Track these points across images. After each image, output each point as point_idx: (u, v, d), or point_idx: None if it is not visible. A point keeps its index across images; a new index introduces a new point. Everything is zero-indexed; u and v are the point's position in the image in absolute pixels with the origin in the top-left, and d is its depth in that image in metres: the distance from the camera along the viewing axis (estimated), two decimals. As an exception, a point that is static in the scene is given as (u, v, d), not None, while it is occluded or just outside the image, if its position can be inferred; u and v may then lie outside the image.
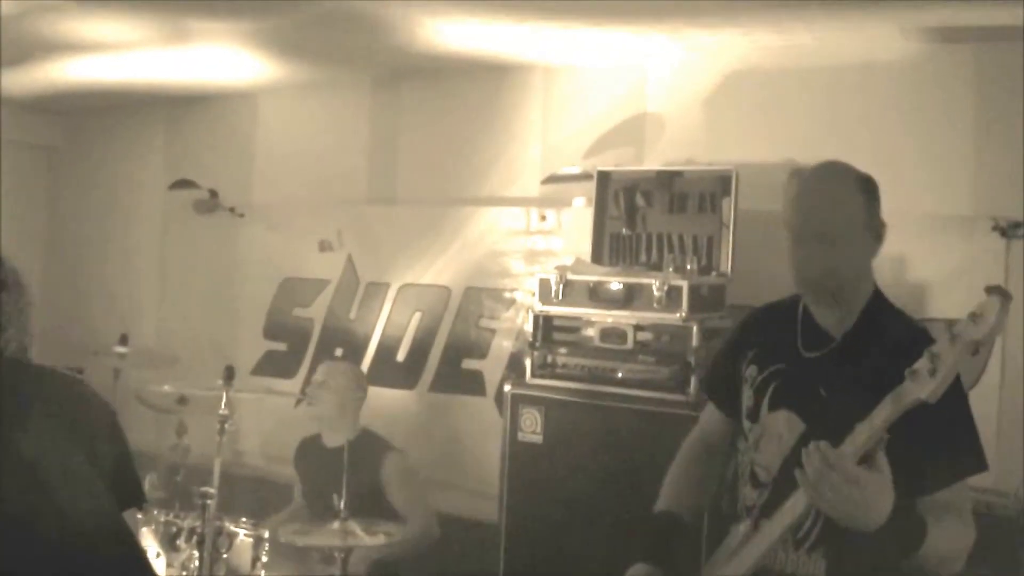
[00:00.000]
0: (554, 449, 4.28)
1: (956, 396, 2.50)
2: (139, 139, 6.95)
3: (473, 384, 5.32)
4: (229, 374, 4.39)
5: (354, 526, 4.10)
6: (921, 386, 2.20)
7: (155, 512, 4.22)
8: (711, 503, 3.08)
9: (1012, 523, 3.57)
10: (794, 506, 2.38)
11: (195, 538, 4.13)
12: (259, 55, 5.27)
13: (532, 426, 4.34)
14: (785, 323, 2.66)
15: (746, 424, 2.68)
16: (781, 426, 2.58)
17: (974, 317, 2.14)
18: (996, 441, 3.94)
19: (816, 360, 2.57)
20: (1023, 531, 3.57)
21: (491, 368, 5.26)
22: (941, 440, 2.40)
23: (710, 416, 2.94)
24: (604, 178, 4.76)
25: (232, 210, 6.36)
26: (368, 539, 4.12)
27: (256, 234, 6.30)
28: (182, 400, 5.19)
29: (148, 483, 4.56)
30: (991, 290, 2.14)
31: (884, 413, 2.25)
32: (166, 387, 4.70)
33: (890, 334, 2.53)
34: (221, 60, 5.39)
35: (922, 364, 2.20)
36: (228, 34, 4.83)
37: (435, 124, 5.68)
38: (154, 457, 5.04)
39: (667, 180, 4.63)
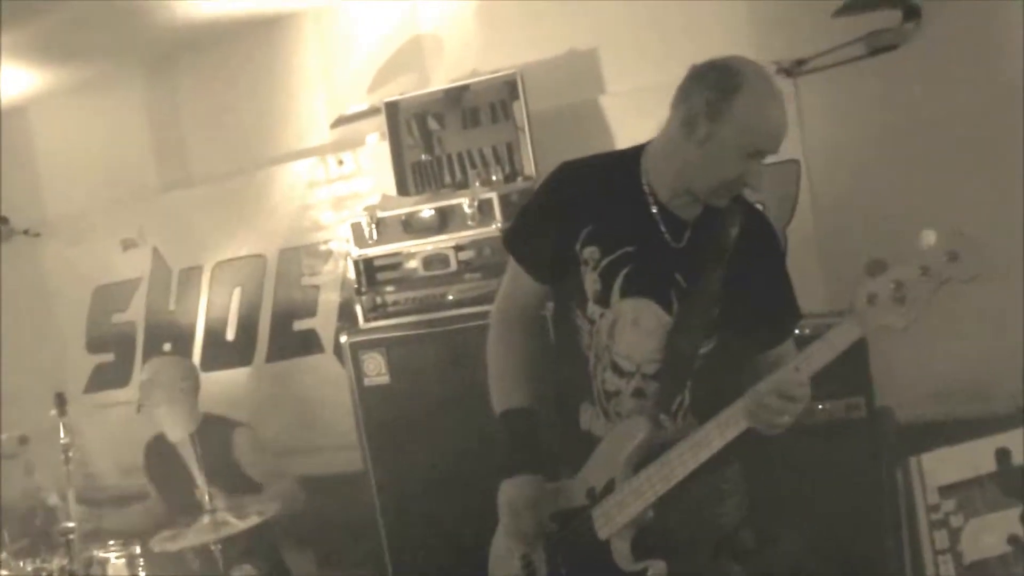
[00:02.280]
0: (403, 386, 4.27)
1: (781, 261, 2.75)
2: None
3: (309, 343, 5.26)
4: (60, 401, 4.23)
5: (225, 515, 4.03)
6: (888, 314, 2.26)
7: (20, 564, 4.05)
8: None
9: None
10: (729, 425, 2.42)
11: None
12: (21, 65, 5.07)
13: (377, 369, 4.30)
14: (627, 201, 2.63)
15: (592, 308, 2.63)
16: (639, 313, 2.59)
17: (950, 255, 2.21)
18: (818, 262, 4.14)
19: (674, 248, 2.59)
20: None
21: (324, 323, 5.21)
22: (772, 305, 2.64)
23: (524, 286, 2.77)
24: (392, 108, 4.70)
25: (27, 232, 6.07)
26: (242, 524, 4.07)
27: (57, 250, 6.04)
28: (23, 440, 4.98)
29: (6, 535, 4.38)
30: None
31: (844, 336, 2.32)
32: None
33: (732, 215, 2.60)
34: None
35: (881, 289, 2.25)
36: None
37: (215, 95, 5.53)
38: (7, 508, 4.82)
39: (455, 97, 4.61)
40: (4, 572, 3.92)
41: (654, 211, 2.61)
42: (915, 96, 4.02)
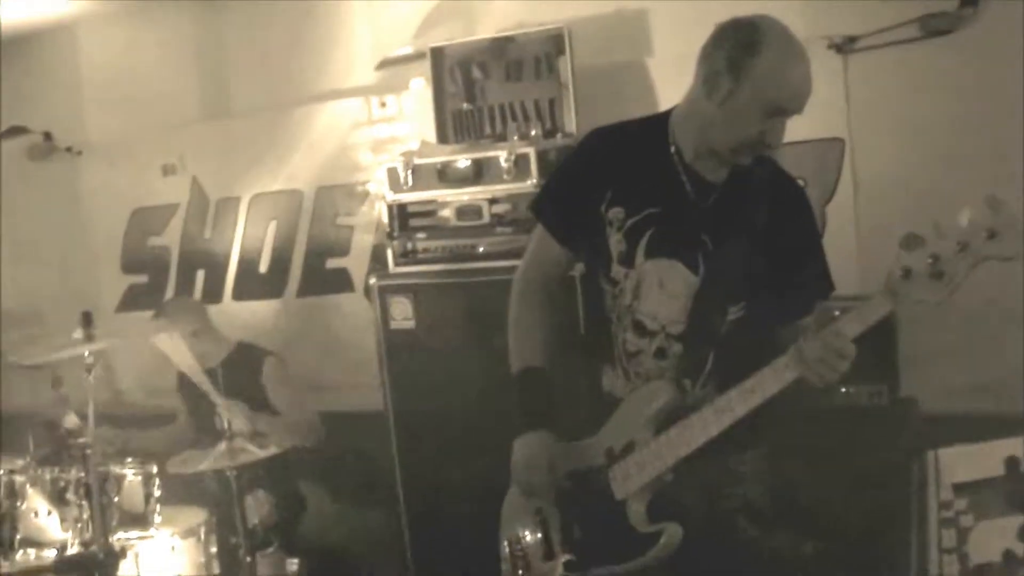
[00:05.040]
0: (428, 332, 4.30)
1: (813, 230, 2.76)
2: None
3: (340, 282, 5.30)
4: (87, 320, 4.28)
5: (243, 443, 4.10)
6: (923, 289, 2.25)
7: (39, 471, 4.13)
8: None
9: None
10: (776, 379, 2.41)
11: (82, 489, 4.07)
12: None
13: (403, 313, 4.34)
14: (654, 163, 2.63)
15: (617, 269, 2.65)
16: (665, 274, 2.60)
17: (990, 232, 2.19)
18: (856, 244, 4.11)
19: (701, 208, 2.59)
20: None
21: (356, 264, 5.24)
22: (803, 273, 2.62)
23: (549, 251, 2.79)
24: (438, 54, 4.68)
25: (69, 149, 6.12)
26: (259, 452, 4.14)
27: (98, 170, 6.08)
28: (54, 351, 5.05)
29: (30, 442, 4.46)
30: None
31: (876, 309, 2.32)
32: (28, 352, 4.54)
33: (763, 180, 2.60)
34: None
35: (917, 263, 2.24)
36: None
37: (263, 29, 5.50)
38: (32, 415, 4.91)
39: (501, 48, 4.58)
40: (22, 477, 3.98)
41: (680, 172, 2.61)
42: (967, 83, 3.96)
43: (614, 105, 4.34)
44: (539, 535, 2.72)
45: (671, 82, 4.36)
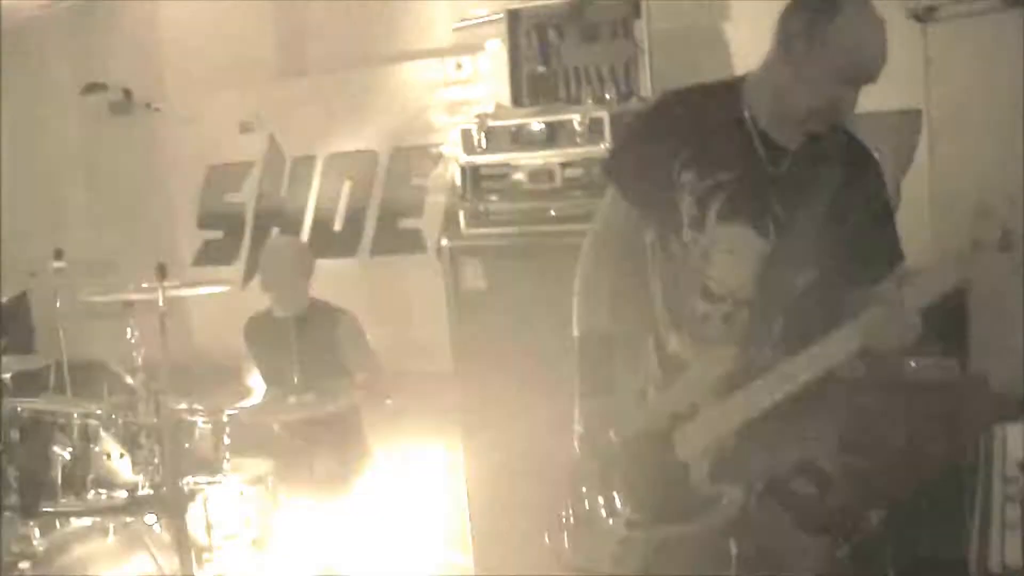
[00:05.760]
0: (498, 294, 4.30)
1: (886, 202, 2.71)
2: (43, 49, 6.73)
3: (413, 243, 5.35)
4: (161, 271, 4.37)
5: (312, 397, 4.18)
6: (992, 260, 2.26)
7: (112, 416, 4.23)
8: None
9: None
10: (842, 346, 2.43)
11: (154, 434, 4.16)
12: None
13: (474, 275, 4.35)
14: (728, 128, 2.62)
15: (687, 233, 2.64)
16: (735, 239, 2.59)
17: None
18: (930, 219, 4.04)
19: (773, 175, 2.58)
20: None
21: (429, 224, 5.28)
22: (874, 243, 2.62)
23: (620, 213, 2.76)
24: (514, 17, 4.66)
25: (148, 106, 6.22)
26: (330, 406, 4.24)
27: (175, 126, 6.19)
28: (127, 304, 5.14)
29: (105, 389, 4.57)
30: None
31: (944, 278, 2.33)
32: (102, 297, 4.62)
33: (837, 149, 2.59)
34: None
35: (987, 234, 2.24)
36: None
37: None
38: (107, 363, 5.02)
39: (577, 10, 4.54)
40: (95, 421, 4.07)
41: (754, 137, 2.60)
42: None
43: (690, 69, 4.31)
44: (601, 497, 2.74)
45: (747, 47, 4.36)
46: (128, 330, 5.04)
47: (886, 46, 2.45)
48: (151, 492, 3.96)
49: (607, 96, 4.33)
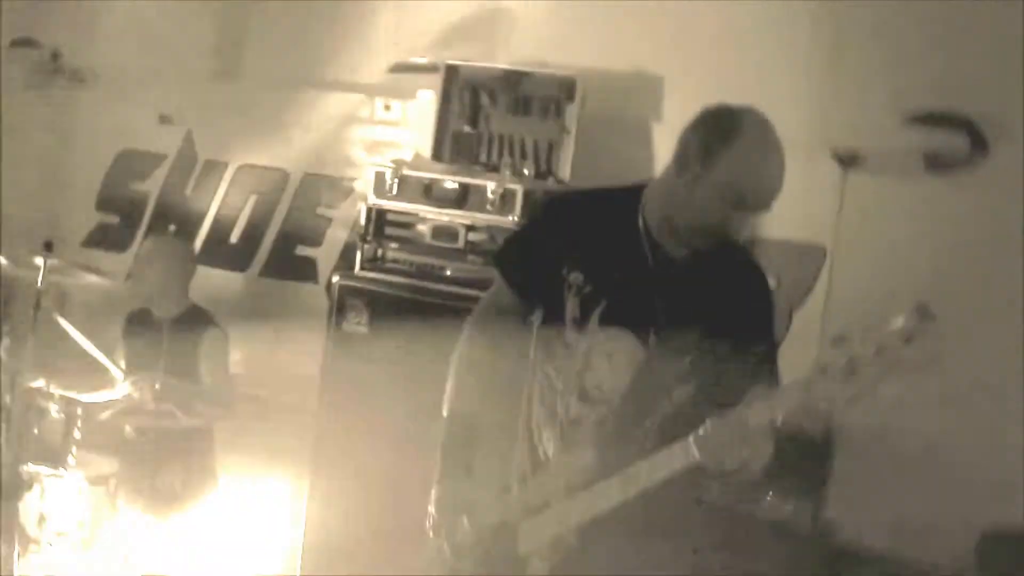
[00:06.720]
0: (377, 342, 4.25)
1: (769, 322, 2.68)
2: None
3: (306, 271, 5.26)
4: (47, 247, 4.26)
5: (168, 407, 4.10)
6: (834, 385, 2.17)
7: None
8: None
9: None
10: (681, 455, 2.35)
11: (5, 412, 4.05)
12: None
13: (358, 318, 4.30)
14: (621, 233, 2.61)
15: (570, 334, 2.62)
16: (616, 344, 2.58)
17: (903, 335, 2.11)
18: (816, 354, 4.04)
19: (659, 284, 2.56)
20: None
21: (325, 257, 5.20)
22: (753, 364, 2.53)
23: (508, 303, 2.74)
24: (452, 72, 4.67)
25: (74, 73, 6.06)
26: (184, 420, 4.20)
27: (95, 102, 6.01)
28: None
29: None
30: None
31: (788, 398, 2.27)
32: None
33: (726, 264, 2.58)
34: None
35: (835, 360, 2.17)
36: None
37: (288, 5, 5.46)
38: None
39: (514, 80, 4.58)
40: None
41: (645, 245, 2.59)
42: (963, 225, 3.94)
43: (612, 161, 4.34)
44: None
45: (671, 149, 4.41)
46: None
47: (782, 177, 2.45)
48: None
49: (525, 171, 4.34)
